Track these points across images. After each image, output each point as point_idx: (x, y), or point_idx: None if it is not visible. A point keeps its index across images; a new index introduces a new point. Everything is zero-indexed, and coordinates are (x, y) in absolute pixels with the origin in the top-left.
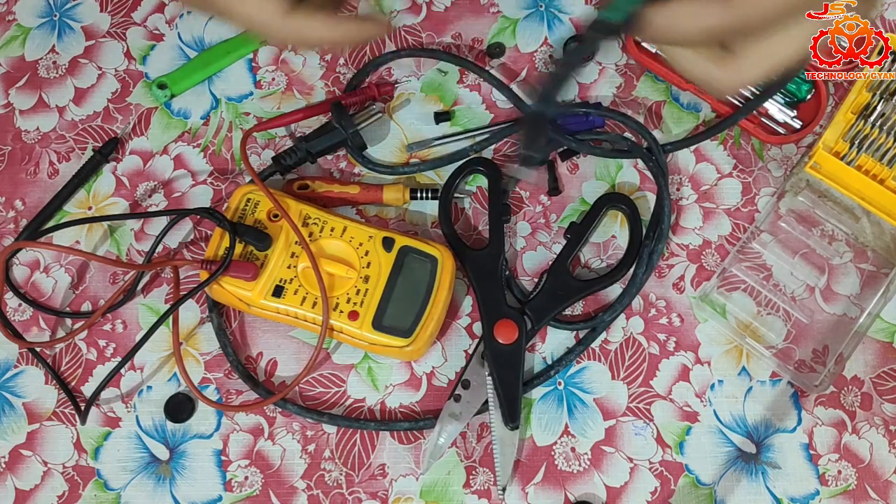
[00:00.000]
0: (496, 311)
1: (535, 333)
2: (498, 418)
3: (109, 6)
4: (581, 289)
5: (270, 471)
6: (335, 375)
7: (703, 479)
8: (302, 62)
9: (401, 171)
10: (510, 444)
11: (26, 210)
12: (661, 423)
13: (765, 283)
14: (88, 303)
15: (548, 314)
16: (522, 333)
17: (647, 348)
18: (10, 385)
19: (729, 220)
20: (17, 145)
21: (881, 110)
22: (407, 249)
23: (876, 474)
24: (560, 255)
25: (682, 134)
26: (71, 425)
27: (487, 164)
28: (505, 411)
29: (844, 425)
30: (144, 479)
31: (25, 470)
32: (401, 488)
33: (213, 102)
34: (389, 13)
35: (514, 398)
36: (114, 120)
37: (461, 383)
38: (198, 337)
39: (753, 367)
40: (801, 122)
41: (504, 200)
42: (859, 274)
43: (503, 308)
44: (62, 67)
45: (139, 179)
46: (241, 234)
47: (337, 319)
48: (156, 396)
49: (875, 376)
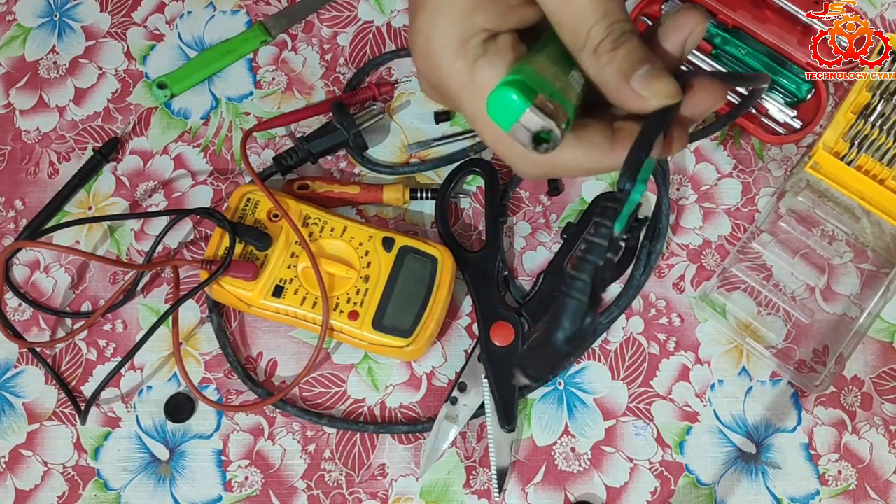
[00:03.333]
0: (492, 313)
1: (531, 336)
2: (494, 421)
3: (109, 6)
4: None
5: (270, 471)
6: (335, 375)
7: (703, 479)
8: (302, 62)
9: (401, 171)
10: (506, 447)
11: (26, 210)
12: (661, 423)
13: (765, 283)
14: (88, 303)
15: (544, 316)
16: (519, 336)
17: (647, 348)
18: (10, 385)
19: (729, 220)
20: (18, 145)
21: (881, 110)
22: (407, 249)
23: (876, 474)
24: (556, 256)
25: None
26: (71, 425)
27: (485, 166)
28: (501, 414)
29: (844, 425)
30: (144, 480)
31: (25, 470)
32: (401, 488)
33: (214, 102)
34: (390, 13)
35: (510, 401)
36: (114, 120)
37: (458, 386)
38: (198, 337)
39: (753, 367)
40: (801, 121)
41: (502, 202)
42: (859, 274)
43: (499, 310)
44: (62, 67)
45: (139, 179)
46: (241, 234)
47: (337, 319)
48: (156, 396)
49: (875, 376)
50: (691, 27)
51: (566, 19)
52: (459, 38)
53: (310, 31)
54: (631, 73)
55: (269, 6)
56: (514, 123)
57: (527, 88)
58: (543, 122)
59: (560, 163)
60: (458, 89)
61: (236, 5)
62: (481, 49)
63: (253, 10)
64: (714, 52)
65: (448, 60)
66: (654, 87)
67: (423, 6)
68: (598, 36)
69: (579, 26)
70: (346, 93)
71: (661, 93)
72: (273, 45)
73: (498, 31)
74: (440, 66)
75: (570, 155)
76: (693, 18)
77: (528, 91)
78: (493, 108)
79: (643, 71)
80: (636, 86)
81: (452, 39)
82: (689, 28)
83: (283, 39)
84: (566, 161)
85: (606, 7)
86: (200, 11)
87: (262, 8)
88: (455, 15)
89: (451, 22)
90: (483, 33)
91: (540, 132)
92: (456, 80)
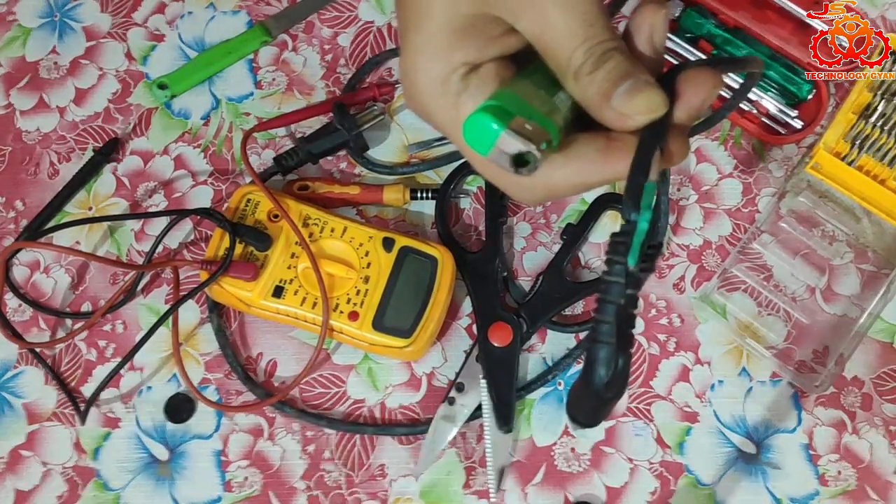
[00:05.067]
0: (491, 313)
1: (530, 336)
2: (492, 421)
3: (110, 7)
4: (576, 291)
5: (270, 471)
6: (335, 376)
7: (703, 479)
8: (302, 62)
9: (400, 171)
10: (504, 448)
11: (27, 210)
12: (661, 423)
13: (765, 284)
14: (88, 303)
15: (543, 317)
16: (517, 336)
17: (647, 348)
18: (9, 385)
19: (729, 221)
20: (18, 146)
21: (882, 111)
22: (407, 250)
23: (876, 474)
24: (556, 257)
25: None
26: (71, 426)
27: None
28: (498, 414)
29: (844, 426)
30: (144, 480)
31: (25, 470)
32: (400, 489)
33: (214, 103)
34: (391, 13)
35: (507, 401)
36: (114, 120)
37: (455, 386)
38: (198, 337)
39: (753, 368)
40: (801, 122)
41: (501, 202)
42: (860, 274)
43: (498, 311)
44: (63, 68)
45: (139, 180)
46: (241, 235)
47: (337, 320)
48: (155, 397)
49: (875, 377)
50: (649, 21)
51: (547, 46)
52: (440, 76)
53: (310, 32)
54: (612, 92)
55: (269, 7)
56: (491, 148)
57: (502, 112)
58: (521, 143)
59: (553, 184)
60: (445, 124)
61: (237, 6)
62: (462, 84)
63: (253, 10)
64: (715, 52)
65: (433, 99)
66: (635, 103)
67: (405, 47)
68: (578, 60)
69: (560, 52)
70: (346, 93)
71: (642, 108)
72: (273, 46)
73: (480, 62)
74: (426, 104)
75: (561, 174)
76: (647, 11)
77: (503, 114)
78: (469, 135)
79: (623, 88)
80: (617, 105)
81: (433, 79)
82: (647, 23)
83: (283, 40)
84: (559, 181)
85: (586, 31)
86: (201, 12)
87: (263, 8)
88: (433, 54)
89: (431, 61)
90: (463, 67)
91: (519, 154)
92: (441, 116)
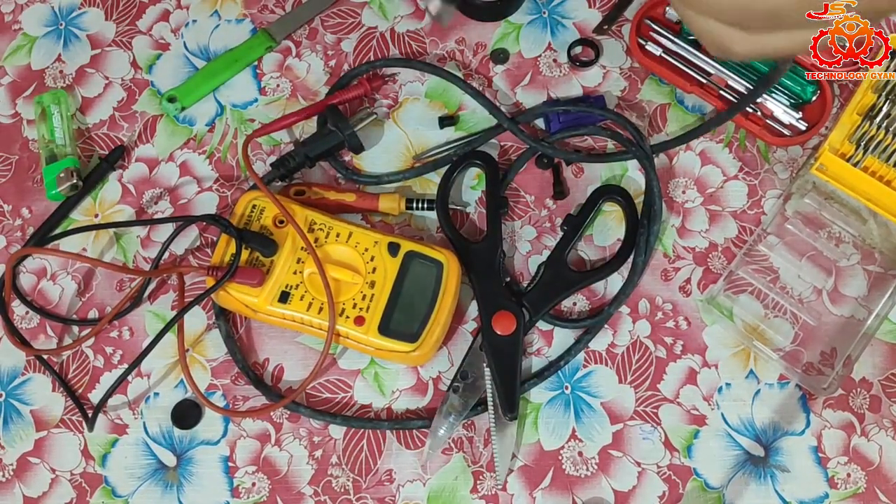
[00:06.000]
0: (494, 302)
1: (532, 325)
2: (496, 409)
3: (115, 14)
4: (578, 280)
5: (277, 477)
6: (342, 381)
7: (711, 482)
8: (306, 68)
9: (387, 179)
10: (509, 436)
11: (33, 218)
12: (669, 426)
13: (772, 286)
14: (95, 310)
15: (545, 306)
16: (520, 325)
17: (653, 352)
18: (17, 392)
19: (735, 223)
20: (24, 154)
21: (887, 111)
22: (412, 254)
23: (885, 477)
24: (557, 246)
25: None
26: (78, 432)
27: (484, 157)
28: (503, 402)
29: (853, 428)
30: (152, 486)
31: (33, 477)
32: (408, 494)
33: (219, 109)
34: (393, 19)
35: (512, 389)
36: (119, 128)
37: (460, 374)
38: (204, 343)
39: (761, 370)
40: (806, 123)
41: (502, 193)
42: (867, 276)
43: (501, 300)
44: (69, 77)
45: (145, 187)
46: (247, 241)
47: (343, 325)
48: (163, 403)
49: (884, 378)
50: None
51: None
52: None
53: (314, 38)
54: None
55: (273, 14)
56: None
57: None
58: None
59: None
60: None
61: (241, 14)
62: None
63: (257, 18)
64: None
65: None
66: None
67: None
68: None
69: None
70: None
71: None
72: (277, 52)
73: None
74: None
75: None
76: None
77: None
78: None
79: None
80: None
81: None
82: None
83: (287, 46)
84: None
85: None
86: (205, 20)
87: (266, 16)
88: None
89: None
90: None
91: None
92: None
